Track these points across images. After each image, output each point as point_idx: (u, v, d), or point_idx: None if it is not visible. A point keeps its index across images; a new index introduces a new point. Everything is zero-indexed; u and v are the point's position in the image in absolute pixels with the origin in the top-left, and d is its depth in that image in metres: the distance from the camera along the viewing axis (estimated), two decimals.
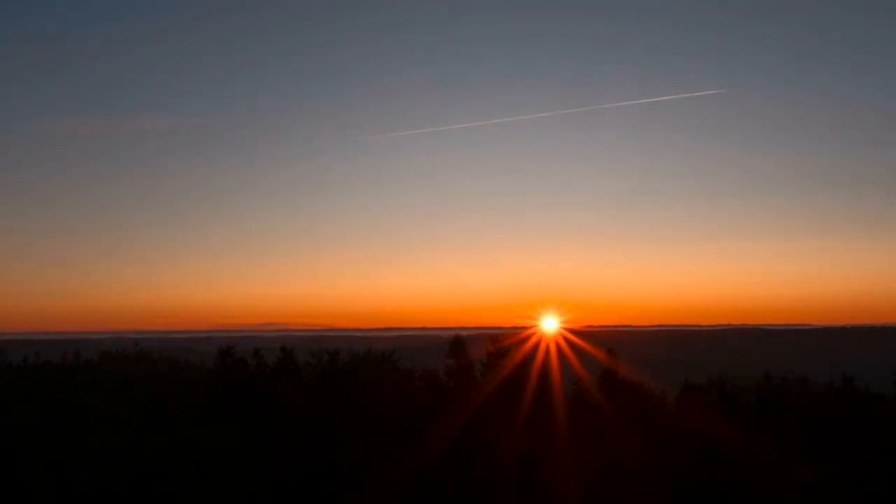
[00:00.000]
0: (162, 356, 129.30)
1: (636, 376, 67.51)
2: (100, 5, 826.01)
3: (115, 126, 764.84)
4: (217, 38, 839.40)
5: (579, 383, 64.68)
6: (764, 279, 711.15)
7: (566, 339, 71.70)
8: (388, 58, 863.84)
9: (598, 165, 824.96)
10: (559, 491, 56.37)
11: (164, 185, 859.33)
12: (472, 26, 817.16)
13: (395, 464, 56.95)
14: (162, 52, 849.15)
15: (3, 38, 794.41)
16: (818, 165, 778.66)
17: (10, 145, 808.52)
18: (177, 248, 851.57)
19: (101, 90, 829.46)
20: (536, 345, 67.39)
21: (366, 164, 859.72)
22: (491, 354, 64.90)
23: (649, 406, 64.10)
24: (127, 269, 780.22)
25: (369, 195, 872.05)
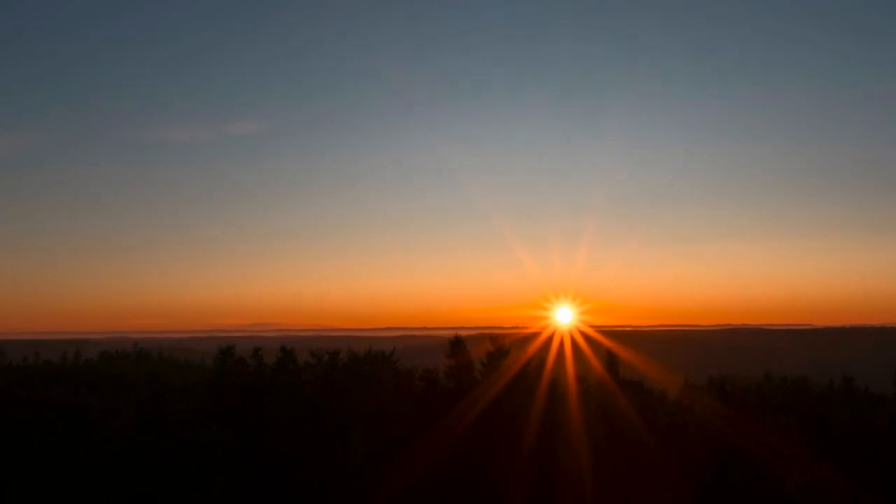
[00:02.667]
0: (162, 356, 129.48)
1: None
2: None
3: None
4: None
5: (585, 381, 64.72)
6: (764, 279, 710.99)
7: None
8: (392, 57, 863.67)
9: (598, 166, 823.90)
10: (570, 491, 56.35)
11: (165, 188, 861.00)
12: (483, 25, 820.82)
13: (396, 464, 56.89)
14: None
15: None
16: (819, 166, 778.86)
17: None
18: (177, 249, 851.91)
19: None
20: (547, 341, 67.40)
21: (366, 164, 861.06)
22: (491, 354, 64.81)
23: (651, 404, 64.18)
24: (127, 270, 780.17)
25: (370, 196, 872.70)
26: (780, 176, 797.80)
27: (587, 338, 73.76)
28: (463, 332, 72.17)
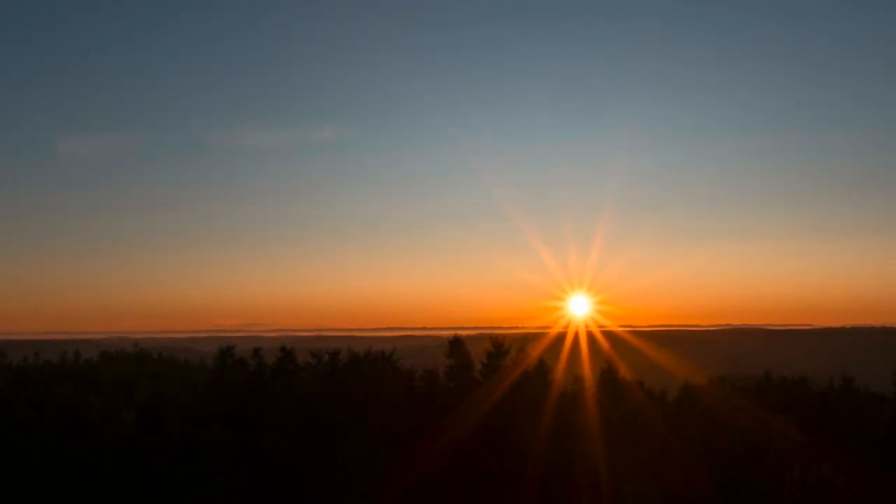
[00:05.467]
0: (162, 356, 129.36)
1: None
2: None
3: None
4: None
5: (581, 380, 64.70)
6: (764, 279, 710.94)
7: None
8: (398, 57, 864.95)
9: (599, 166, 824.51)
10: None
11: (165, 189, 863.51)
12: (489, 27, 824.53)
13: (396, 465, 56.88)
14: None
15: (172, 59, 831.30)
16: (820, 166, 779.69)
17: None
18: (177, 249, 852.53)
19: None
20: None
21: (367, 164, 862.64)
22: (490, 354, 64.77)
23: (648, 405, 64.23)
24: (127, 270, 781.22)
25: (371, 196, 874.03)
26: (782, 176, 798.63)
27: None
28: (463, 332, 72.21)
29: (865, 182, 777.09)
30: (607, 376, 64.30)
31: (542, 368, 64.25)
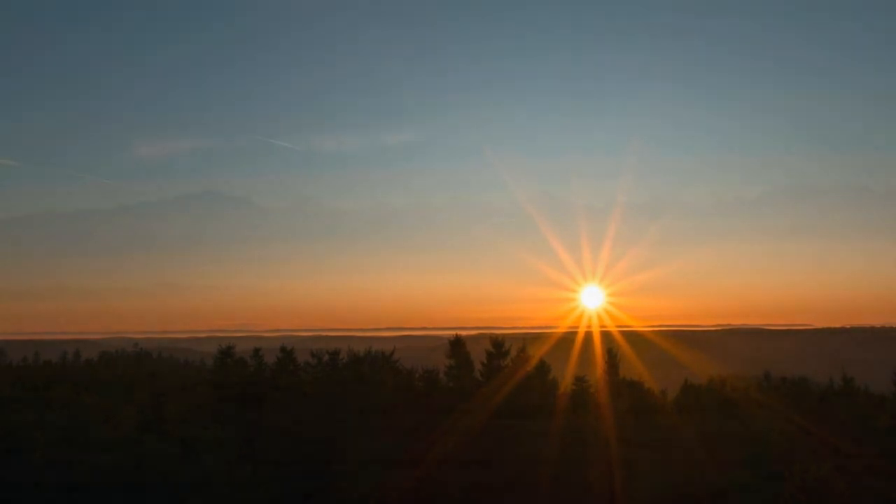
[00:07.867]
0: (162, 356, 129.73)
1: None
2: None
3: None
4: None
5: (584, 381, 64.69)
6: (764, 279, 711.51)
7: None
8: (398, 56, 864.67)
9: (599, 166, 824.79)
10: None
11: (168, 190, 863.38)
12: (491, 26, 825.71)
13: (397, 466, 56.86)
14: None
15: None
16: (820, 168, 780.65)
17: None
18: (177, 249, 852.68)
19: None
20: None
21: (368, 165, 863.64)
22: (490, 354, 64.88)
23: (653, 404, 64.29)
24: (127, 270, 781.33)
25: (371, 196, 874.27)
26: (782, 178, 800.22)
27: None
28: (463, 333, 72.31)
29: (865, 182, 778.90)
30: (609, 376, 64.36)
31: (543, 368, 64.38)
